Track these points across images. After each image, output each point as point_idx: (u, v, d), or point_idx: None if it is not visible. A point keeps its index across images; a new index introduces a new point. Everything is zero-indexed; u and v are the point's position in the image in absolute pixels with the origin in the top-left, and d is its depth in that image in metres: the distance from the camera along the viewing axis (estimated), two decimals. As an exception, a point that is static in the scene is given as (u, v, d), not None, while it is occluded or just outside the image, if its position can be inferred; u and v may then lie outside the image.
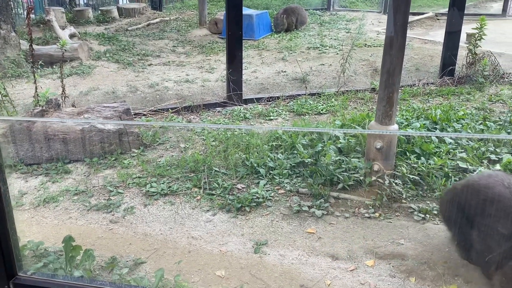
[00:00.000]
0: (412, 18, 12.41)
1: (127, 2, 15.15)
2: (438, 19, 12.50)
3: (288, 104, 6.14)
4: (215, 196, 3.82)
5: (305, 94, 6.44)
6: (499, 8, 13.47)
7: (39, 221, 3.55)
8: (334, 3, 14.46)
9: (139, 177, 4.12)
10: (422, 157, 4.08)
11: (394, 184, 3.69)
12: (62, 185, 4.05)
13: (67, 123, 4.47)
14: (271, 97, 6.37)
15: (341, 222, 3.48)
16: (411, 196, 3.70)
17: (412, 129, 4.66)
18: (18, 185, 4.07)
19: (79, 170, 4.32)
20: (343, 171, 3.97)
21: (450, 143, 4.34)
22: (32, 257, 2.97)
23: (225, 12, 6.08)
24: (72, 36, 9.30)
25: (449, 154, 4.19)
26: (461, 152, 4.19)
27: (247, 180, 4.05)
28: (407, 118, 5.02)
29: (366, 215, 3.54)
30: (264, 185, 3.95)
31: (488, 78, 6.75)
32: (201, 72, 7.68)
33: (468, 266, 2.92)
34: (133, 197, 3.85)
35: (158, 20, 12.10)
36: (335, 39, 10.13)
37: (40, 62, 7.04)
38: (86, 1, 14.84)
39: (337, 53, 8.61)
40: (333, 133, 4.55)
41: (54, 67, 7.38)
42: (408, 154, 4.14)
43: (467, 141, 4.40)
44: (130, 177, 4.12)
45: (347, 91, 6.53)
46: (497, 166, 3.89)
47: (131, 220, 3.55)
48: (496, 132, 4.66)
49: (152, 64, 8.14)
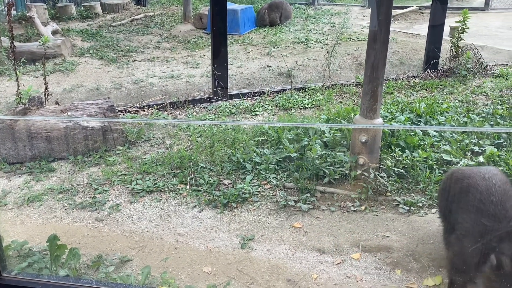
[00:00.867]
0: (396, 12, 12.48)
1: (111, -2, 14.94)
2: (422, 13, 12.58)
3: (274, 99, 6.14)
4: (201, 192, 3.81)
5: (290, 89, 6.45)
6: (481, 2, 13.59)
7: (23, 220, 3.51)
8: (318, -3, 14.45)
9: (125, 174, 4.09)
10: (406, 150, 4.11)
11: (379, 177, 3.72)
12: (46, 183, 4.01)
13: (51, 121, 4.42)
14: (256, 92, 6.37)
15: (327, 216, 3.50)
16: (396, 189, 3.74)
17: (396, 122, 4.70)
18: (1, 184, 4.01)
19: (63, 168, 4.28)
20: (328, 165, 3.99)
21: (434, 136, 4.38)
22: (16, 257, 2.94)
23: (209, 7, 6.04)
24: (54, 32, 9.16)
25: (433, 147, 4.23)
26: (445, 145, 4.23)
27: (233, 176, 4.05)
28: (391, 112, 5.06)
29: (352, 208, 3.56)
30: (251, 180, 3.96)
31: (471, 71, 6.82)
32: (186, 67, 7.63)
33: (452, 257, 2.96)
34: (118, 195, 3.82)
35: (142, 15, 11.98)
36: (320, 33, 10.14)
37: (22, 59, 6.93)
38: (68, -3, 14.62)
39: (322, 48, 8.61)
40: (318, 127, 4.56)
41: (36, 64, 7.28)
42: (393, 147, 4.17)
43: (451, 134, 4.44)
44: (115, 174, 4.09)
45: (332, 85, 6.55)
46: (480, 158, 3.94)
47: (116, 217, 3.52)
48: (479, 125, 4.71)
49: (136, 60, 8.07)
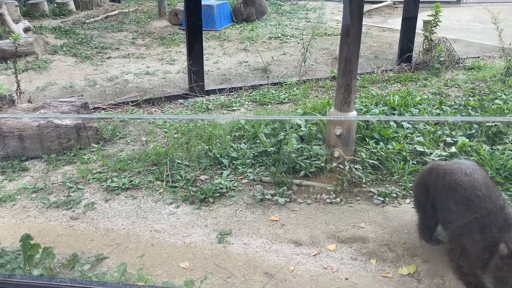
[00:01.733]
0: (371, 6, 12.61)
1: (84, -6, 14.69)
2: (396, 7, 12.73)
3: (250, 94, 6.14)
4: (178, 188, 3.80)
5: (267, 84, 6.46)
6: (454, -4, 13.84)
7: (-5, 221, 3.45)
8: (294, -8, 14.48)
9: (100, 172, 4.05)
10: (381, 142, 4.17)
11: (354, 170, 3.77)
12: (19, 183, 3.94)
13: (23, 120, 4.33)
14: (233, 88, 6.36)
15: (303, 208, 3.53)
16: (370, 180, 3.79)
17: (371, 115, 4.76)
18: (-28, 185, 3.93)
19: (37, 167, 4.21)
20: (305, 159, 4.02)
21: (407, 128, 4.46)
22: (-12, 258, 2.88)
23: (184, 2, 6.00)
24: (26, 30, 8.98)
25: (407, 139, 4.30)
26: (418, 136, 4.30)
27: (210, 171, 4.05)
28: (366, 105, 5.12)
29: (328, 200, 3.60)
30: (228, 175, 3.96)
31: (444, 63, 6.95)
32: (162, 64, 7.58)
33: (426, 246, 3.02)
34: (93, 193, 3.78)
35: (116, 12, 11.83)
36: (296, 28, 10.18)
37: (-7, 57, 6.78)
38: (40, -6, 14.31)
39: (298, 43, 8.65)
40: (294, 122, 4.58)
41: (8, 62, 7.12)
42: (367, 139, 4.23)
43: (424, 125, 4.52)
44: (90, 172, 4.04)
45: (308, 79, 6.59)
46: (452, 149, 4.02)
47: (92, 216, 3.49)
48: (451, 116, 4.80)
49: (111, 57, 7.96)
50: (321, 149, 4.07)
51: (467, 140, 4.14)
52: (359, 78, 6.60)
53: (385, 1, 13.22)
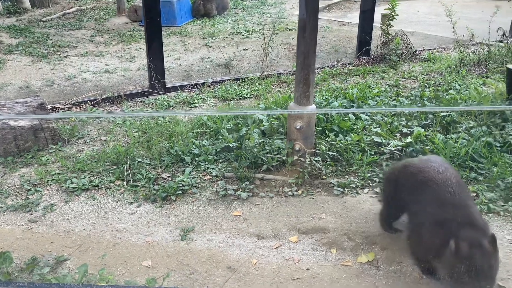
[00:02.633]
0: (331, 0, 12.78)
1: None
2: (355, 1, 12.94)
3: (213, 90, 6.14)
4: (139, 187, 3.77)
5: (229, 80, 6.47)
6: (411, -11, 14.16)
7: (-51, 227, 3.33)
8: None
9: (59, 173, 3.97)
10: (340, 135, 4.26)
11: (315, 162, 3.83)
12: (-27, 187, 3.82)
13: (-24, 122, 4.20)
14: (195, 84, 6.34)
15: (266, 202, 3.57)
16: (330, 172, 3.86)
17: (330, 108, 4.83)
18: None
19: (-8, 170, 4.09)
20: (266, 153, 4.06)
21: (366, 120, 4.56)
22: None
23: (142, -2, 5.93)
24: (-22, 29, 8.68)
25: (365, 130, 4.40)
26: (376, 128, 4.41)
27: (172, 169, 4.03)
28: (326, 98, 5.20)
29: (290, 193, 3.65)
30: (190, 172, 3.95)
31: (401, 56, 7.13)
32: (121, 61, 7.46)
33: (384, 235, 3.12)
34: (52, 195, 3.71)
35: (74, 9, 11.56)
36: (257, 24, 10.21)
37: None
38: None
39: (260, 38, 8.69)
40: (252, 115, 4.61)
41: (-41, 63, 6.88)
42: (327, 132, 4.30)
43: (381, 117, 4.64)
44: (48, 174, 3.96)
45: (270, 74, 6.63)
46: (408, 139, 4.14)
47: (51, 218, 3.42)
48: (407, 107, 4.94)
49: (69, 56, 7.79)
50: (282, 143, 4.12)
51: (423, 130, 4.27)
52: (319, 72, 6.70)
53: (344, -5, 13.41)
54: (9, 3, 11.75)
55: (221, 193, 3.66)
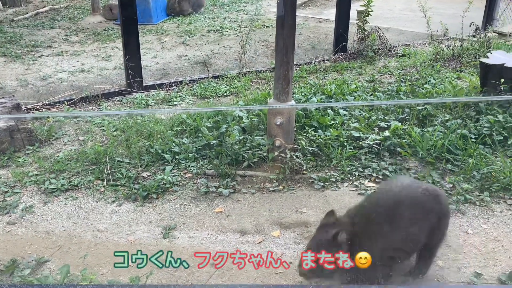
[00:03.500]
0: (307, -2, 12.83)
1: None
2: (331, -2, 13.02)
3: (191, 88, 6.12)
4: (119, 186, 3.74)
5: (208, 77, 6.45)
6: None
7: None
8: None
9: (37, 174, 3.91)
10: (319, 130, 4.30)
11: (295, 157, 3.86)
12: None
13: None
14: (173, 82, 6.30)
15: (247, 198, 3.59)
16: (311, 167, 3.90)
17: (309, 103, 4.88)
18: None
19: (-33, 173, 4.00)
20: (247, 150, 4.08)
21: (344, 115, 4.62)
22: None
23: (117, -4, 5.86)
24: None
25: (344, 125, 4.46)
26: (354, 122, 4.47)
27: (152, 168, 4.01)
28: (305, 95, 5.24)
29: (271, 189, 3.68)
30: (171, 170, 3.94)
31: (377, 52, 7.22)
32: (97, 60, 7.37)
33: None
34: (31, 196, 3.65)
35: (47, 8, 11.34)
36: (234, 21, 10.20)
37: None
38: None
39: (237, 35, 8.67)
40: (232, 112, 4.62)
41: None
42: (306, 128, 4.34)
43: (359, 112, 4.70)
44: (26, 175, 3.90)
45: (249, 72, 6.64)
46: (386, 132, 4.20)
47: (30, 219, 3.37)
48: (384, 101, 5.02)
49: (43, 56, 7.65)
50: (263, 139, 4.14)
51: (400, 123, 4.35)
52: (298, 68, 6.74)
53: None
54: (-21, 2, 11.48)
55: (203, 191, 3.67)
